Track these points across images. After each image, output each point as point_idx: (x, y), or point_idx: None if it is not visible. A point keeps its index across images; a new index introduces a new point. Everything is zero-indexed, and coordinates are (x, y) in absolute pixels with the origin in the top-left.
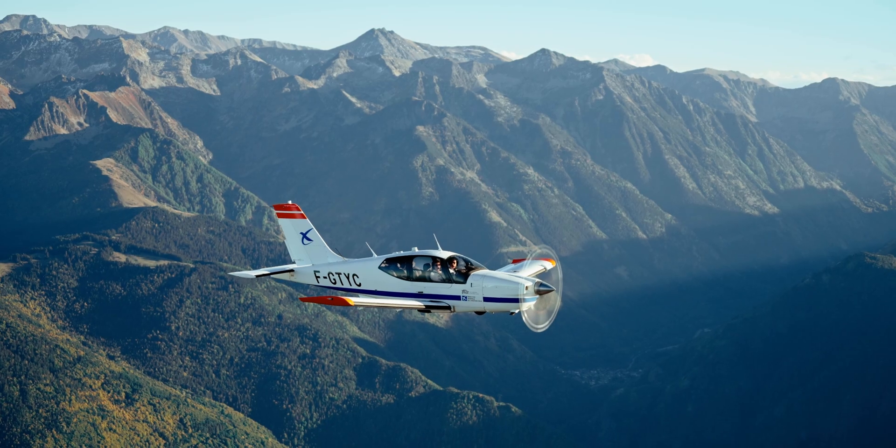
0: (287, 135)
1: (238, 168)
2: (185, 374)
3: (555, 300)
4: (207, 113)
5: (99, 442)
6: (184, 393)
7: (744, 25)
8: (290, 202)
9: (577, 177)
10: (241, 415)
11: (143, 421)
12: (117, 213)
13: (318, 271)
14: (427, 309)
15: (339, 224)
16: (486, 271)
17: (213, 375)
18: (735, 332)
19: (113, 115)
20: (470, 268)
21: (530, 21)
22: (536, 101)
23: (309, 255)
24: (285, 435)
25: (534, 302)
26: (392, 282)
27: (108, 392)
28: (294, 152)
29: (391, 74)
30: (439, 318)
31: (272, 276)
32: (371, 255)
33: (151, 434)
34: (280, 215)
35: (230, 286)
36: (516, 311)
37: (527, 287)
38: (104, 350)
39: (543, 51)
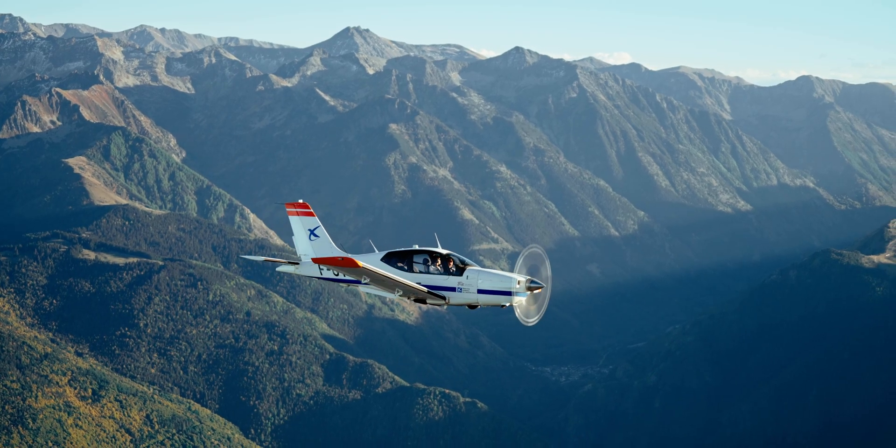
0: (261, 133)
1: (212, 166)
2: (152, 370)
3: (545, 296)
4: (182, 111)
5: (65, 438)
6: (151, 389)
7: (722, 23)
8: (300, 201)
9: (549, 174)
10: (209, 411)
11: (110, 417)
12: (88, 210)
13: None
14: (424, 296)
15: None
16: (480, 267)
17: (181, 372)
18: (702, 329)
19: (86, 114)
20: (464, 265)
21: (507, 19)
22: (510, 98)
23: (315, 250)
24: (252, 431)
25: (525, 297)
26: (393, 274)
27: (75, 389)
28: (267, 150)
29: (365, 72)
30: (409, 315)
31: (278, 265)
32: (373, 251)
33: (118, 430)
34: (291, 213)
35: (199, 283)
36: (508, 305)
37: (519, 282)
38: (72, 347)
39: (517, 49)
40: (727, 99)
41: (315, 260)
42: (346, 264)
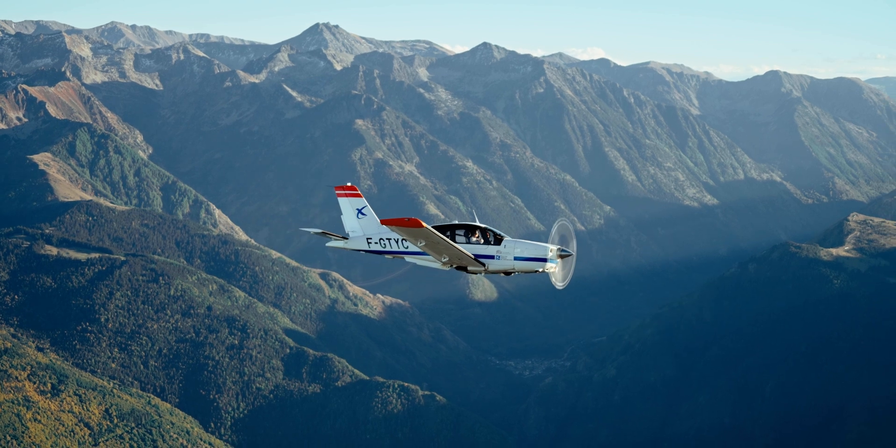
0: (228, 129)
1: (179, 162)
2: (113, 365)
3: (572, 263)
4: (149, 107)
5: (23, 432)
6: (111, 384)
7: (695, 19)
8: (348, 183)
9: (516, 169)
10: (168, 405)
11: (69, 411)
12: (52, 206)
13: (371, 238)
14: (468, 262)
15: (278, 217)
16: (515, 239)
17: (142, 366)
18: (661, 322)
19: (52, 110)
20: (500, 236)
21: (477, 15)
22: (478, 94)
23: (362, 226)
24: (212, 424)
25: (556, 264)
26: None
27: (34, 383)
28: (235, 146)
29: (333, 68)
30: (372, 310)
31: (330, 239)
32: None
33: (76, 424)
34: (339, 195)
35: (160, 278)
36: (541, 270)
37: (551, 250)
38: (33, 342)
39: (485, 44)
40: (696, 94)
41: (383, 221)
42: (413, 225)
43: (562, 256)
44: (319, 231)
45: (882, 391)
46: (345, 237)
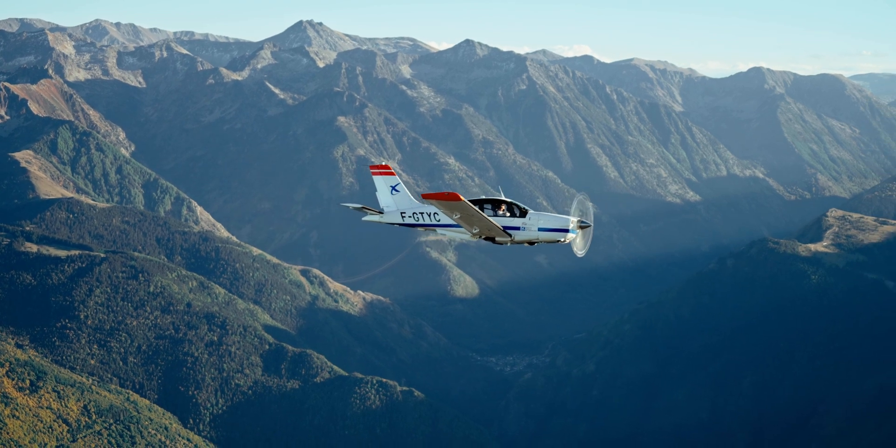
0: (211, 126)
1: (162, 159)
2: (92, 362)
3: (590, 233)
4: (132, 105)
5: (1, 428)
6: (90, 380)
7: (681, 15)
8: (383, 163)
9: (498, 166)
10: (147, 401)
11: (47, 408)
12: (33, 204)
13: (405, 212)
14: (497, 233)
15: (261, 214)
16: (539, 212)
17: (121, 363)
18: (640, 318)
19: (34, 108)
20: (525, 209)
21: (461, 12)
22: (460, 91)
23: (395, 202)
24: (191, 420)
25: (577, 234)
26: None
27: (13, 380)
28: (217, 143)
29: (315, 66)
30: (353, 306)
31: (367, 213)
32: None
33: (55, 420)
34: (374, 173)
35: (140, 275)
36: (563, 240)
37: (573, 221)
38: (12, 339)
39: (468, 42)
40: (679, 90)
41: (425, 195)
42: (451, 198)
43: (582, 227)
44: (359, 206)
45: (859, 386)
46: (380, 212)
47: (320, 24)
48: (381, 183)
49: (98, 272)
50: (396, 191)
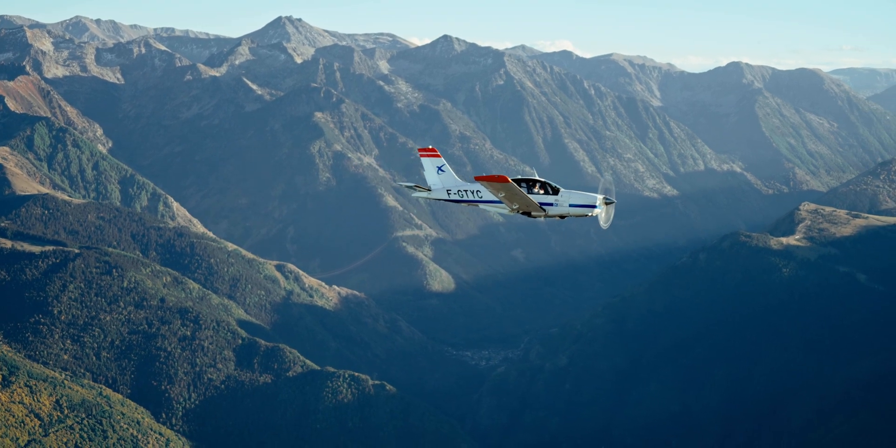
0: (188, 122)
1: (140, 155)
2: (65, 357)
3: (613, 209)
4: (111, 101)
5: None
6: (62, 375)
7: (661, 10)
8: (430, 146)
9: (475, 161)
10: (120, 396)
11: (19, 402)
12: (9, 200)
13: (450, 190)
14: (533, 208)
15: (238, 210)
16: (569, 190)
17: (94, 358)
18: (612, 311)
19: (11, 104)
20: (557, 188)
21: (441, 8)
22: (438, 86)
23: (441, 180)
24: (163, 415)
25: (602, 209)
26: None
27: None
28: (195, 139)
29: (293, 61)
30: (328, 301)
31: (417, 190)
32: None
33: (27, 415)
34: (422, 155)
35: (114, 271)
36: (590, 215)
37: (599, 199)
38: None
39: (446, 37)
40: (657, 85)
41: (477, 178)
42: (501, 180)
43: (607, 203)
44: (412, 184)
45: (829, 379)
46: (428, 189)
47: (299, 20)
48: (429, 164)
49: (72, 268)
50: (442, 170)
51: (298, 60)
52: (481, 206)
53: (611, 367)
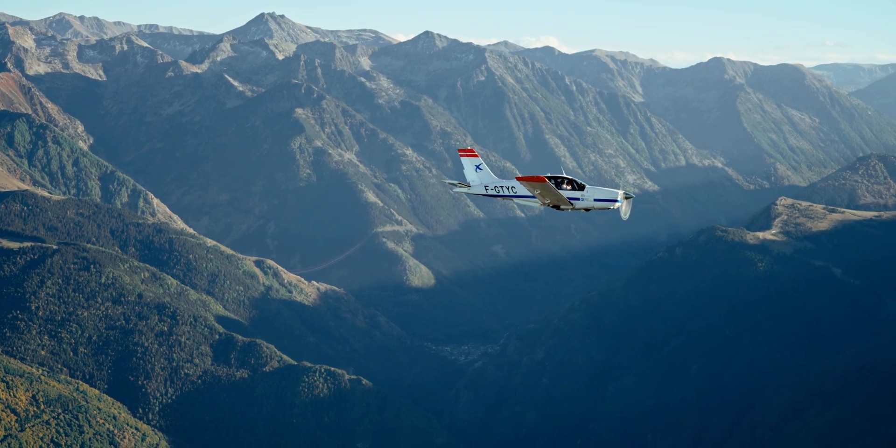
0: (170, 119)
1: (121, 152)
2: (42, 352)
3: (631, 202)
4: (93, 98)
5: None
6: (39, 371)
7: (647, 5)
8: (468, 147)
9: (456, 157)
10: (97, 391)
11: None
12: None
13: (488, 186)
14: (562, 202)
15: (219, 206)
16: (594, 186)
17: (71, 353)
18: (589, 306)
19: None
20: (583, 184)
21: (424, 4)
22: (420, 82)
23: (479, 178)
24: (140, 410)
25: (623, 203)
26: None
27: None
28: (176, 136)
29: (275, 58)
30: (307, 297)
31: (460, 187)
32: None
33: (3, 410)
34: (462, 155)
35: (92, 267)
36: (612, 207)
37: (620, 194)
38: None
39: (427, 33)
40: (640, 81)
41: (519, 178)
42: (539, 180)
43: (627, 198)
44: (456, 182)
45: (804, 372)
46: (468, 185)
47: (282, 16)
48: (468, 163)
49: (50, 264)
50: (480, 169)
51: (280, 57)
52: (515, 200)
53: (587, 362)
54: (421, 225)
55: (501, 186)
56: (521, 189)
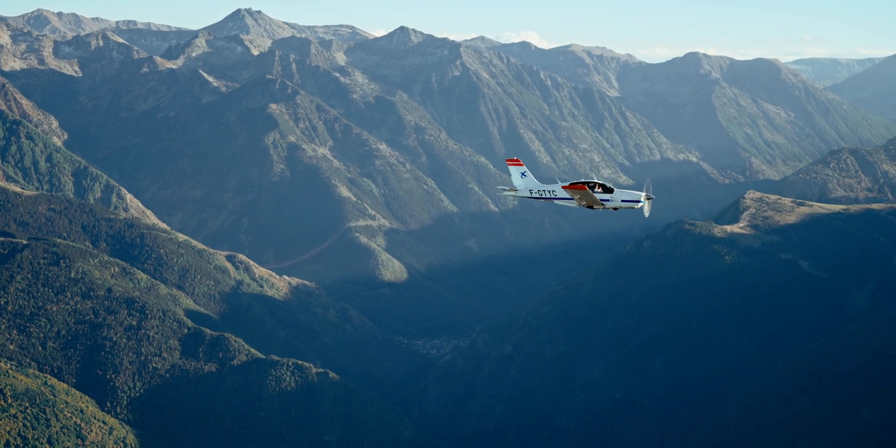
0: (145, 114)
1: (96, 148)
2: (11, 347)
3: (651, 202)
4: (68, 94)
5: None
6: (8, 365)
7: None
8: (515, 158)
9: (430, 152)
10: (65, 385)
11: None
12: None
13: (532, 190)
14: (595, 202)
15: (192, 201)
16: (621, 189)
17: (40, 348)
18: (557, 299)
19: None
20: (612, 187)
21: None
22: (395, 78)
23: (524, 183)
24: (108, 404)
25: (644, 203)
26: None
27: None
28: (151, 132)
29: (250, 54)
30: (278, 291)
31: (509, 191)
32: (557, 183)
33: None
34: (510, 164)
35: (62, 261)
36: (636, 207)
37: (642, 195)
38: None
39: (402, 28)
40: (616, 76)
41: (564, 187)
42: (580, 188)
43: (648, 199)
44: (507, 188)
45: (770, 365)
46: (515, 189)
47: (259, 12)
48: (515, 170)
49: (20, 259)
50: (525, 175)
51: (255, 52)
52: (556, 201)
53: (555, 355)
54: (394, 219)
55: (543, 190)
56: (561, 192)
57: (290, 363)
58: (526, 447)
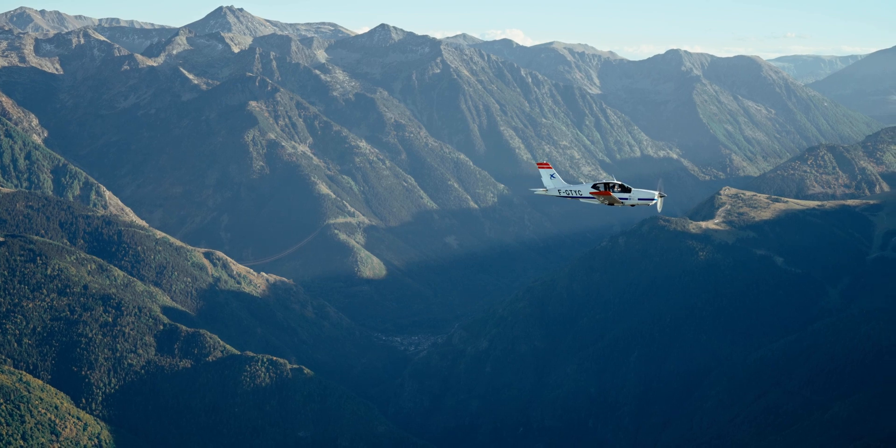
0: (125, 112)
1: (76, 146)
2: None
3: (664, 200)
4: (49, 92)
5: None
6: None
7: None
8: (545, 161)
9: (410, 149)
10: (40, 382)
11: None
12: None
13: (560, 189)
14: (615, 201)
15: (172, 198)
16: (637, 189)
17: (15, 344)
18: (533, 295)
19: None
20: (630, 187)
21: None
22: (376, 75)
23: (553, 184)
24: (83, 400)
25: (658, 201)
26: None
27: None
28: (131, 129)
29: (230, 51)
30: (256, 288)
31: (540, 190)
32: (582, 184)
33: None
34: (540, 167)
35: (38, 258)
36: (651, 204)
37: (656, 194)
38: None
39: (383, 26)
40: (597, 73)
41: (593, 193)
42: (606, 194)
43: (661, 196)
44: (540, 189)
45: (742, 359)
46: (545, 190)
47: (241, 9)
48: (545, 173)
49: None
50: (553, 177)
51: (236, 50)
52: (581, 200)
53: (530, 351)
54: (374, 216)
55: (570, 190)
56: (586, 193)
57: (265, 359)
58: (501, 442)
